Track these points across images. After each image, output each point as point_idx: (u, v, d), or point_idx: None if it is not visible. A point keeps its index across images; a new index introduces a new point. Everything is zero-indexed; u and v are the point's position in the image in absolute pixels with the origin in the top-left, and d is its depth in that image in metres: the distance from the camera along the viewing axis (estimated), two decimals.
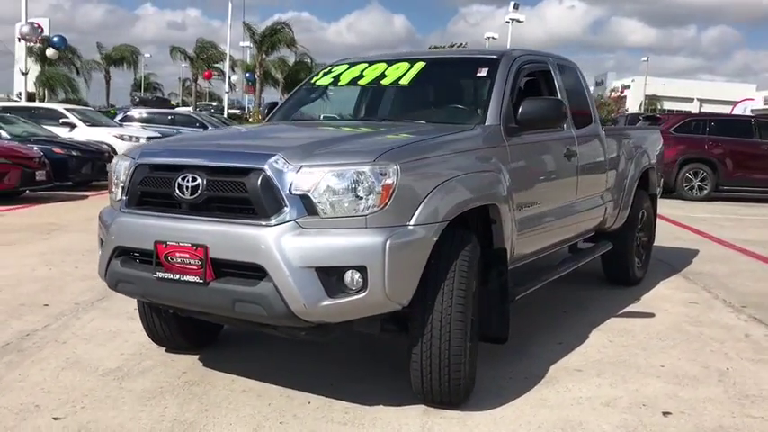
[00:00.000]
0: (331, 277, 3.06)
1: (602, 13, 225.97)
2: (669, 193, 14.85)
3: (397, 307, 3.19)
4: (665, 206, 12.88)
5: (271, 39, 44.31)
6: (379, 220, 3.09)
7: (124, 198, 3.60)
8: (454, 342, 3.27)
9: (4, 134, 14.27)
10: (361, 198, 3.09)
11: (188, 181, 3.28)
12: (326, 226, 3.09)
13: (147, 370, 4.00)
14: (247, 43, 47.78)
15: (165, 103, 44.14)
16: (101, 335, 4.62)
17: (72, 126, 16.72)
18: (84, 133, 16.30)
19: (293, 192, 3.09)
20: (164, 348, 4.31)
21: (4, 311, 5.13)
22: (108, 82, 52.78)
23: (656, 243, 8.30)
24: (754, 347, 4.59)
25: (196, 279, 3.21)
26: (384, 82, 4.58)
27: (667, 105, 62.72)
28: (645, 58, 67.26)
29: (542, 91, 4.91)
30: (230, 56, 42.70)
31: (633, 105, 63.60)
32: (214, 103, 55.73)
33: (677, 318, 5.26)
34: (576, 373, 4.06)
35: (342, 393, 3.66)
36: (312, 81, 5.08)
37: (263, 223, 3.10)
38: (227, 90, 41.64)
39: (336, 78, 4.84)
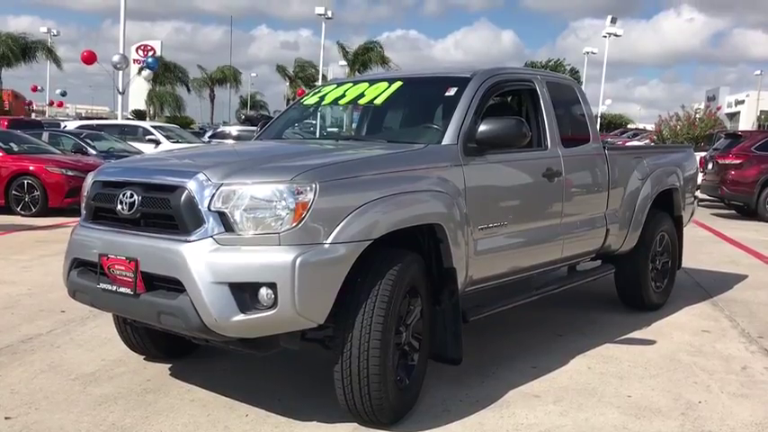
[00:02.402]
0: (244, 293, 3.14)
1: (723, 24, 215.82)
2: (751, 215, 14.04)
3: (310, 324, 3.23)
4: (739, 228, 12.25)
5: (362, 57, 45.23)
6: (293, 238, 3.15)
7: (83, 212, 3.84)
8: (372, 362, 3.27)
9: (91, 150, 15.31)
10: (276, 216, 3.16)
11: (127, 197, 3.47)
12: (242, 243, 3.17)
13: (117, 376, 4.21)
14: (344, 62, 48.82)
15: (269, 120, 45.70)
16: (94, 341, 4.88)
17: (157, 143, 17.66)
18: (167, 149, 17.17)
19: (212, 208, 3.20)
20: (143, 357, 4.52)
21: (22, 315, 5.51)
22: (212, 100, 55.25)
23: (706, 267, 7.99)
24: (743, 381, 4.31)
25: (128, 291, 3.38)
26: (361, 101, 4.64)
27: None
28: (758, 72, 63.73)
29: (527, 110, 4.83)
30: (324, 74, 43.83)
31: (747, 121, 60.22)
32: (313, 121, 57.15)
33: (678, 346, 5.00)
34: (533, 398, 3.95)
35: (285, 408, 3.73)
36: (302, 101, 5.21)
37: (184, 239, 3.22)
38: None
39: (322, 98, 4.95)
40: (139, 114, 46.57)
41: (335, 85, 5.01)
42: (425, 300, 3.72)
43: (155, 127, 18.70)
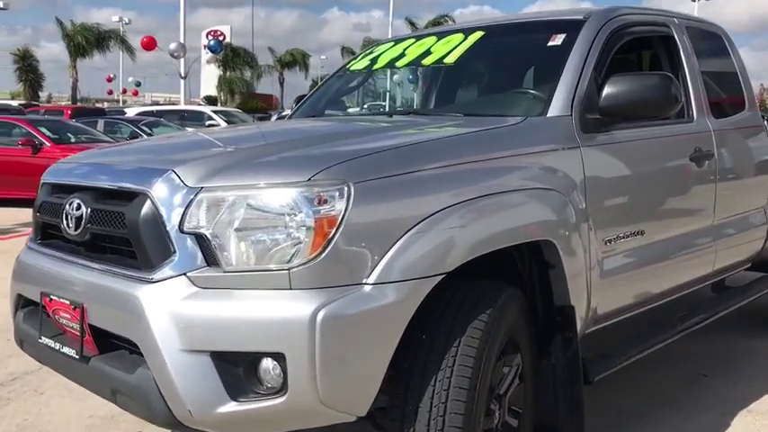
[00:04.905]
0: (236, 368, 1.93)
1: None
2: None
3: (344, 418, 1.99)
4: None
5: None
6: (313, 277, 1.91)
7: (33, 228, 2.70)
8: None
9: (146, 137, 14.61)
10: (285, 240, 1.92)
11: (73, 209, 2.30)
12: (231, 284, 1.95)
13: None
14: None
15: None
16: None
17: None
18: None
19: (185, 229, 1.99)
20: None
21: (15, 345, 4.49)
22: (282, 84, 54.68)
23: None
24: None
25: (72, 353, 2.22)
26: (426, 62, 3.34)
27: None
28: None
29: (662, 67, 3.43)
30: None
31: None
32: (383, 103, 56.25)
33: None
34: None
35: None
36: (348, 66, 3.94)
37: (144, 276, 2.03)
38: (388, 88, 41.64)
39: (374, 61, 3.67)
40: (211, 100, 46.59)
41: (392, 43, 3.72)
42: (527, 354, 2.44)
43: (215, 112, 17.87)
